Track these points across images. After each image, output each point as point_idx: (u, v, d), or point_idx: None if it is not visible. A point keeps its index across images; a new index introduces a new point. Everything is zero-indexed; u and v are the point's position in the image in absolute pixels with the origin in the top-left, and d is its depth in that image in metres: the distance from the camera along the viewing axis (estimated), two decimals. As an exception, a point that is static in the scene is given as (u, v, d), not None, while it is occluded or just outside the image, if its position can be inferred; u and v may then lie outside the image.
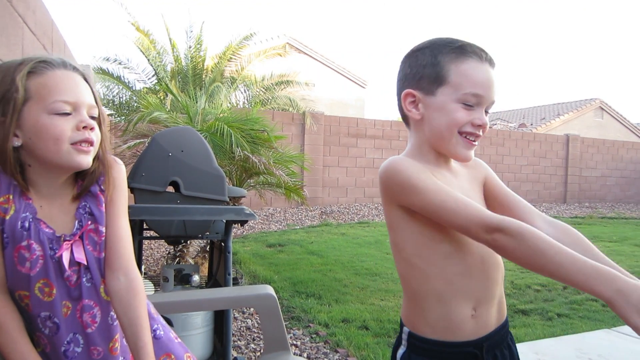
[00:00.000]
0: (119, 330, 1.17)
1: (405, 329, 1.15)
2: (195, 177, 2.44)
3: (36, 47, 2.13)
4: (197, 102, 5.74)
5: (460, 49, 1.08)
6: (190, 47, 9.65)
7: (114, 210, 1.16)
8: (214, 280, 2.80)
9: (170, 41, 9.57)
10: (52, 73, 1.02)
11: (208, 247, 4.23)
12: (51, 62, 1.04)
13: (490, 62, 1.11)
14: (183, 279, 2.69)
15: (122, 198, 1.19)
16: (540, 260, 0.89)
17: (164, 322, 1.30)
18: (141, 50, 9.51)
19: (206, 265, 4.34)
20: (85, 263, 1.10)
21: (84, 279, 1.11)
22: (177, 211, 2.29)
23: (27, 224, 1.04)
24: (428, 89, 1.10)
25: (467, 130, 1.08)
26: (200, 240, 4.90)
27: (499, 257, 1.14)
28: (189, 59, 9.65)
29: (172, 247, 4.81)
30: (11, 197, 1.03)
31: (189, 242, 4.41)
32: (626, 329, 3.55)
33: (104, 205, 1.15)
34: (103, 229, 1.14)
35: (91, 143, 1.06)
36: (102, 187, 1.15)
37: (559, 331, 3.52)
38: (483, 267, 1.11)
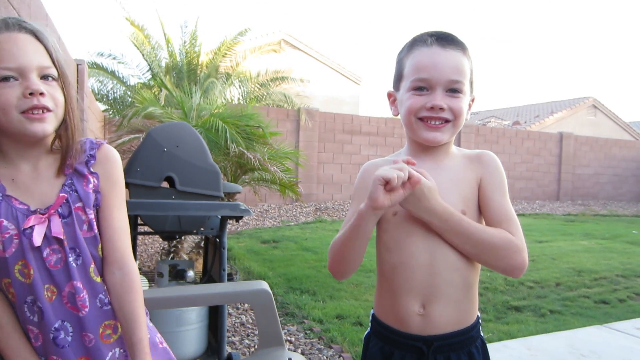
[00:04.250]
0: (110, 316, 1.11)
1: (372, 311, 1.27)
2: (191, 173, 2.44)
3: None
4: (192, 97, 5.72)
5: (412, 42, 1.17)
6: (185, 43, 9.61)
7: (109, 203, 1.12)
8: (209, 276, 2.80)
9: (165, 36, 9.53)
10: None
11: (203, 242, 4.22)
12: None
13: (441, 43, 1.12)
14: (178, 275, 2.69)
15: (117, 190, 1.14)
16: None
17: (150, 324, 1.24)
18: (135, 45, 9.45)
19: (201, 261, 4.33)
20: (62, 237, 1.03)
21: (71, 259, 1.04)
22: (172, 206, 2.29)
23: None
24: (397, 87, 1.21)
25: (424, 115, 1.13)
26: (194, 236, 4.89)
27: (465, 259, 1.12)
28: (184, 54, 9.61)
29: (166, 242, 4.80)
30: None
31: (183, 237, 4.40)
32: (618, 325, 3.59)
33: (90, 186, 1.09)
34: (90, 211, 1.08)
35: (44, 109, 0.99)
36: (91, 169, 1.10)
37: (552, 327, 3.55)
38: (431, 263, 1.12)
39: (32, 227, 1.00)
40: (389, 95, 1.24)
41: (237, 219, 2.53)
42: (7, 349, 1.03)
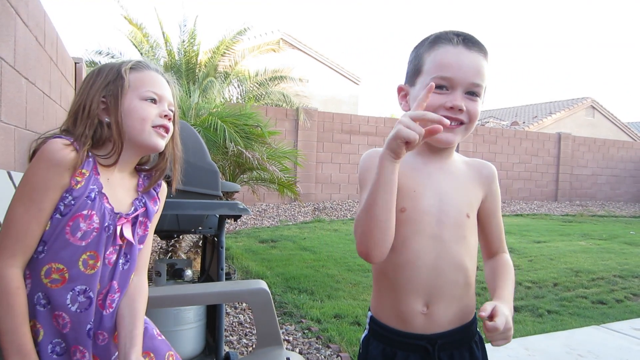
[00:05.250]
0: None
1: (369, 313, 1.25)
2: (189, 172, 2.41)
3: (28, 39, 2.11)
4: (190, 96, 5.71)
5: (435, 39, 1.14)
6: (183, 42, 9.59)
7: (151, 226, 1.31)
8: (207, 275, 2.80)
9: (164, 35, 9.51)
10: (147, 71, 1.27)
11: (201, 242, 4.22)
12: (147, 64, 1.30)
13: (467, 44, 1.10)
14: (176, 274, 2.68)
15: (159, 217, 1.36)
16: None
17: (147, 319, 1.34)
18: (134, 44, 9.44)
19: (199, 260, 4.33)
20: (133, 241, 1.22)
21: (121, 261, 1.20)
22: (170, 205, 2.28)
23: (92, 195, 1.14)
24: (411, 82, 1.17)
25: (441, 114, 1.08)
26: (192, 235, 4.88)
27: (467, 261, 1.15)
28: (182, 53, 9.59)
29: (164, 241, 4.79)
30: (87, 173, 1.14)
31: (181, 236, 4.39)
32: (615, 325, 3.60)
33: (156, 207, 1.31)
34: (150, 225, 1.28)
35: (167, 130, 1.25)
36: (158, 194, 1.33)
37: (549, 327, 3.55)
38: (436, 263, 1.12)
39: (116, 226, 1.17)
40: (400, 89, 1.21)
41: (236, 218, 2.53)
42: (11, 343, 1.04)
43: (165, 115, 1.24)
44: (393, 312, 1.17)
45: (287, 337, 3.19)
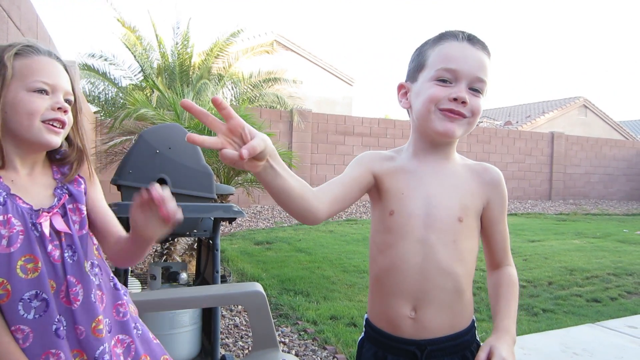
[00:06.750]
0: (101, 312, 1.16)
1: (365, 316, 1.24)
2: (183, 175, 2.43)
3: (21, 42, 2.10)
4: (184, 99, 5.69)
5: (440, 35, 1.14)
6: (177, 44, 9.56)
7: (96, 196, 1.24)
8: (202, 278, 2.79)
9: (157, 37, 9.47)
10: (37, 57, 1.10)
11: (196, 244, 4.20)
12: (37, 48, 1.12)
13: (471, 41, 1.11)
14: (171, 277, 2.68)
15: (98, 184, 1.27)
16: None
17: (141, 322, 1.30)
18: (127, 47, 9.39)
19: (194, 263, 4.31)
20: (69, 231, 1.12)
21: (66, 255, 1.11)
22: (165, 209, 2.27)
23: (1, 199, 1.05)
24: (413, 78, 1.16)
25: (445, 106, 1.09)
26: (187, 238, 4.87)
27: (457, 266, 1.12)
28: (176, 55, 9.56)
29: (159, 244, 4.77)
30: None
31: (176, 239, 4.38)
32: (610, 323, 3.61)
33: (82, 186, 1.20)
34: (83, 207, 1.18)
35: (62, 124, 1.12)
36: (80, 174, 1.22)
37: (544, 326, 3.57)
38: (423, 267, 1.10)
39: (40, 223, 1.07)
40: (400, 87, 1.20)
41: (230, 220, 2.53)
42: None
43: (59, 108, 1.10)
44: (383, 315, 1.16)
45: (283, 339, 3.19)
